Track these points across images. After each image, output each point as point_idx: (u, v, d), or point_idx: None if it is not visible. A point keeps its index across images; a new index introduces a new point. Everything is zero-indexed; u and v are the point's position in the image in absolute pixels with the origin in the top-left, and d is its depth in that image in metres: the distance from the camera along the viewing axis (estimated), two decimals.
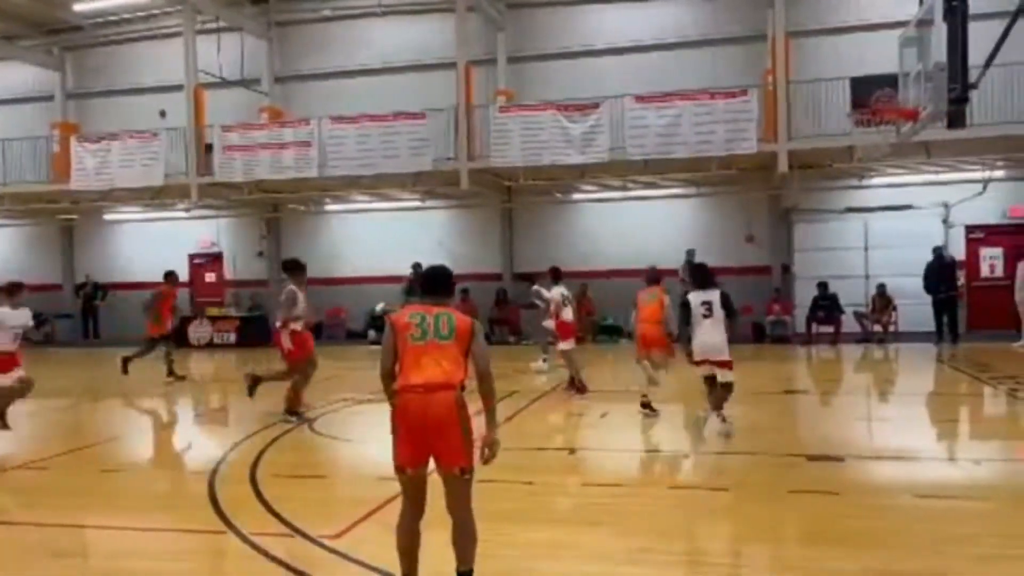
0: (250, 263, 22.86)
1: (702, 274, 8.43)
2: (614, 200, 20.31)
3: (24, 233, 25.03)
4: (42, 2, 21.50)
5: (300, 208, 22.51)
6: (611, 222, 20.23)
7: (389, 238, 21.12)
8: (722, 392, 8.17)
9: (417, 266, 16.87)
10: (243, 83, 21.39)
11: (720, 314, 8.05)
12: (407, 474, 4.11)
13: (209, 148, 19.96)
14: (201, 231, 23.38)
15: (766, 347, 17.28)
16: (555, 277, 11.97)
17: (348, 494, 6.91)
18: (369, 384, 4.68)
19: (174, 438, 10.02)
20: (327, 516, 5.85)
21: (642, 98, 17.30)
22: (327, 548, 5.14)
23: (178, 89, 20.45)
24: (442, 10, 20.28)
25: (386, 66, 21.24)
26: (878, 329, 17.68)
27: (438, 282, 4.41)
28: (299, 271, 9.87)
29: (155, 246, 22.90)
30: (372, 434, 8.40)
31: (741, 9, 19.32)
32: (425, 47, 20.89)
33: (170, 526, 5.95)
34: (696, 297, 8.17)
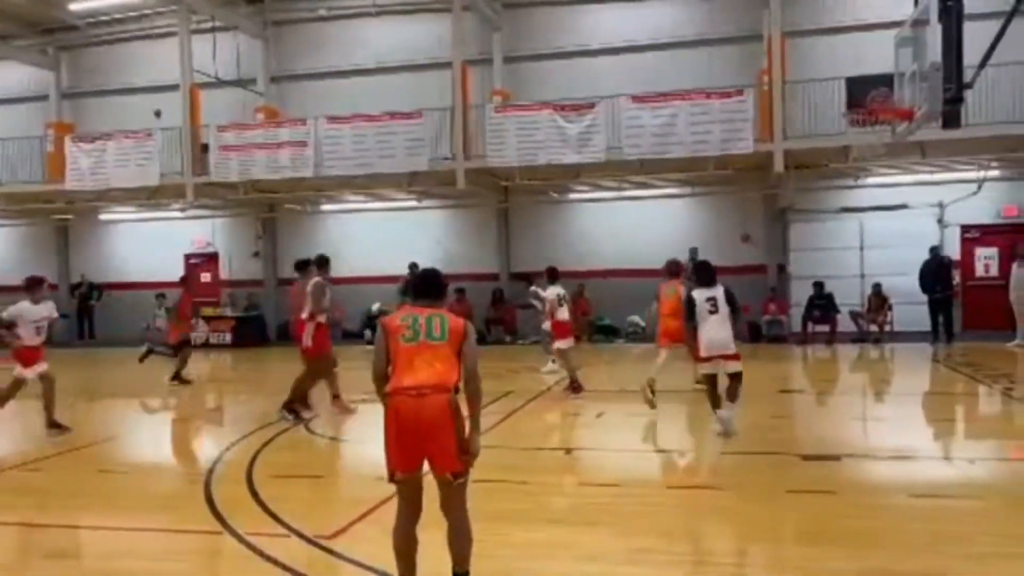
0: (246, 263, 22.83)
1: (706, 271, 8.50)
2: (610, 200, 20.31)
3: (19, 233, 24.96)
4: (37, 1, 21.40)
5: (296, 208, 22.47)
6: (607, 222, 20.24)
7: (385, 238, 21.10)
8: (733, 384, 8.24)
9: (414, 266, 16.86)
10: (239, 83, 21.36)
11: (725, 310, 8.13)
12: (399, 478, 4.09)
13: (205, 148, 19.91)
14: (197, 231, 23.33)
15: (762, 346, 17.29)
16: (552, 277, 11.95)
17: (344, 494, 6.91)
18: (365, 384, 4.68)
19: (170, 438, 9.99)
20: (323, 516, 5.85)
21: (638, 98, 17.30)
22: (323, 548, 5.14)
23: (173, 89, 20.38)
24: (438, 10, 20.25)
25: (382, 66, 21.21)
26: (874, 329, 17.71)
27: (429, 285, 4.43)
28: (326, 265, 10.12)
29: (150, 246, 22.91)
30: (368, 434, 8.41)
31: (737, 9, 19.33)
32: (421, 47, 20.87)
33: (166, 526, 5.94)
34: (700, 294, 8.23)
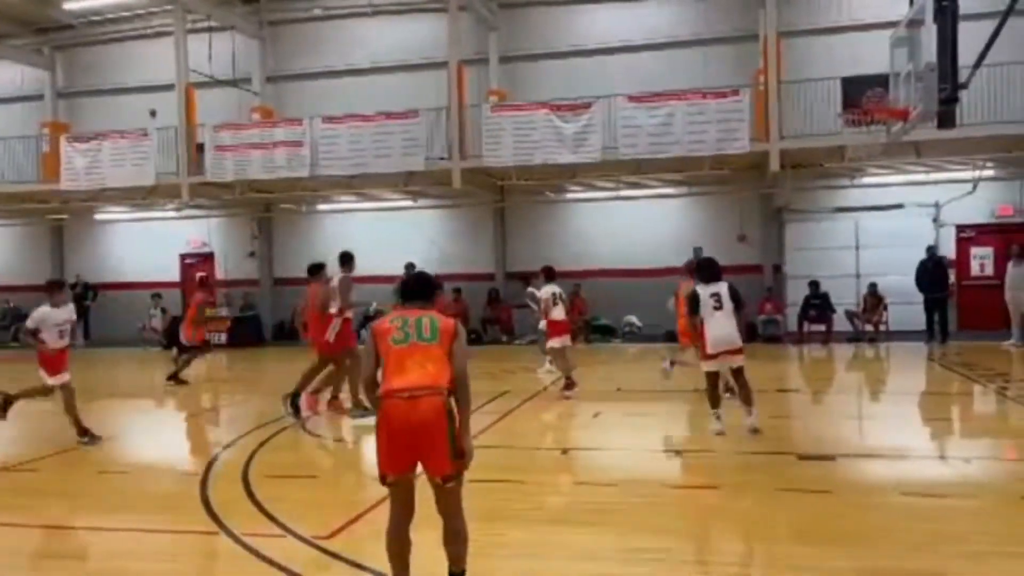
0: (241, 263, 22.79)
1: (709, 267, 8.55)
2: (607, 200, 20.31)
3: (14, 233, 24.88)
4: (32, 1, 21.37)
5: (292, 208, 22.45)
6: (603, 222, 20.25)
7: (381, 238, 21.05)
8: (740, 382, 8.30)
9: (410, 266, 16.83)
10: (234, 83, 21.32)
11: (730, 306, 8.17)
12: (391, 480, 4.07)
13: (200, 148, 19.88)
14: (192, 231, 23.29)
15: (758, 346, 17.28)
16: (548, 276, 11.94)
17: (341, 495, 6.91)
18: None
19: (166, 439, 9.98)
20: (319, 517, 5.84)
21: (634, 98, 17.30)
22: (320, 548, 5.14)
23: (169, 88, 20.35)
24: (434, 10, 20.26)
25: (378, 65, 21.18)
26: (869, 328, 17.76)
27: (419, 287, 4.42)
28: (350, 262, 10.39)
29: (146, 246, 22.87)
30: (364, 435, 8.40)
31: (733, 9, 19.34)
32: (417, 47, 20.85)
33: (162, 527, 5.93)
34: (704, 290, 8.28)
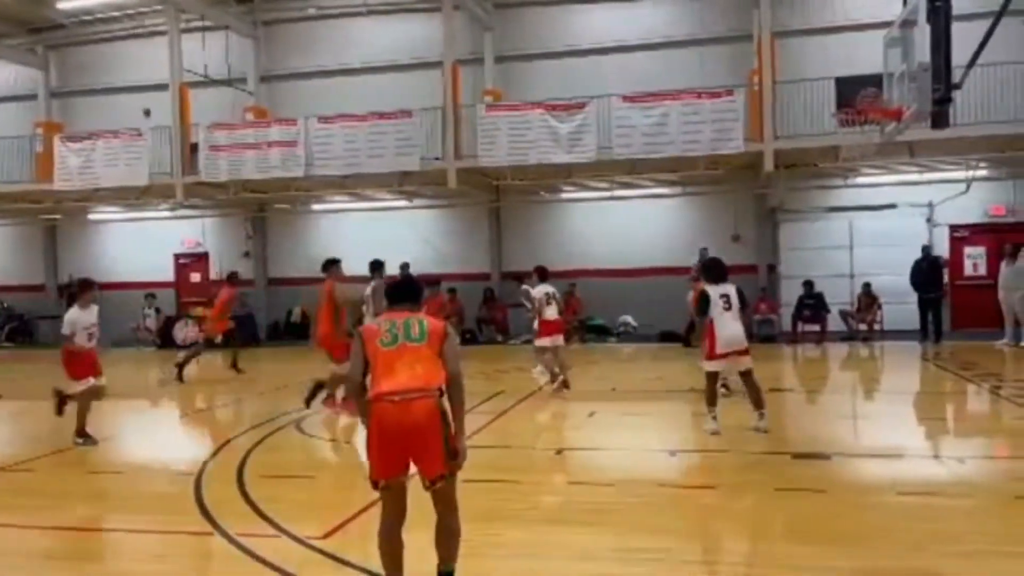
0: (236, 263, 22.67)
1: (717, 268, 8.63)
2: (601, 199, 20.31)
3: (7, 233, 24.78)
4: (25, 0, 21.28)
5: (286, 208, 22.41)
6: (598, 221, 20.26)
7: (376, 238, 20.92)
8: (750, 385, 8.34)
9: (405, 266, 16.83)
10: (228, 82, 21.26)
11: (738, 306, 8.29)
12: (383, 486, 4.05)
13: (194, 147, 19.84)
14: (186, 231, 23.24)
15: (753, 346, 17.15)
16: (541, 276, 11.95)
17: (335, 495, 6.90)
18: None
19: (160, 439, 9.94)
20: (314, 517, 5.83)
21: (629, 98, 17.32)
22: (314, 549, 5.13)
23: (163, 88, 20.30)
24: (428, 10, 20.24)
25: (373, 65, 21.15)
26: (863, 328, 17.80)
27: (405, 290, 4.41)
28: (380, 269, 11.15)
29: (140, 246, 22.79)
30: (359, 434, 8.39)
31: (727, 9, 19.38)
32: (412, 46, 20.83)
33: (156, 527, 5.91)
34: (714, 290, 8.34)
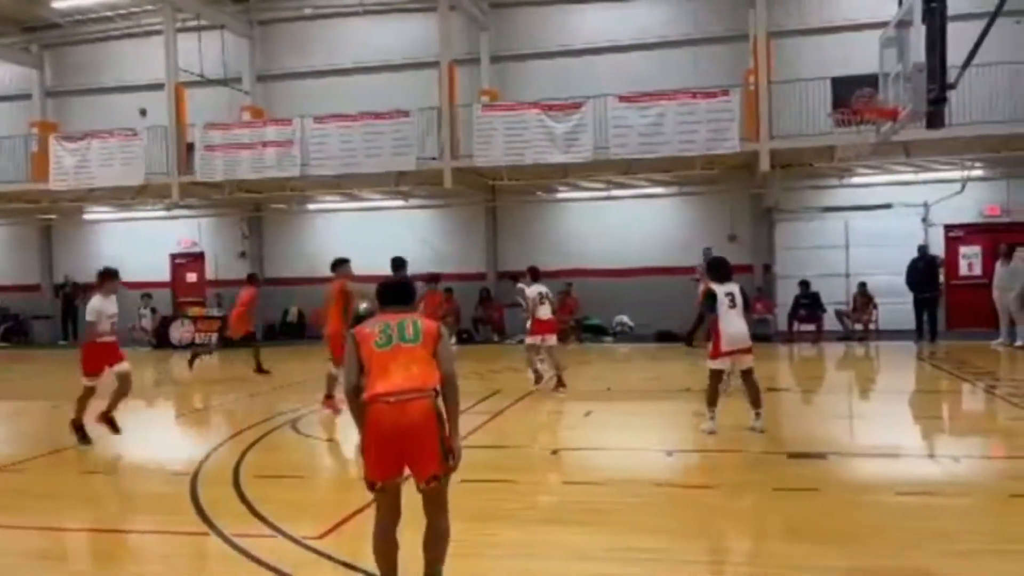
0: (232, 263, 22.69)
1: (722, 267, 8.64)
2: (598, 199, 20.34)
3: (2, 233, 24.73)
4: None
5: (282, 208, 22.39)
6: (595, 221, 20.27)
7: (372, 237, 20.93)
8: (750, 383, 8.34)
9: (397, 259, 16.79)
10: (224, 82, 21.25)
11: (742, 305, 8.32)
12: (379, 488, 4.04)
13: (190, 147, 19.81)
14: (182, 231, 23.22)
15: None
16: (533, 276, 12.00)
17: (331, 495, 6.90)
18: None
19: (156, 439, 9.92)
20: (310, 517, 5.83)
21: (625, 98, 17.34)
22: (310, 549, 5.12)
23: (159, 87, 20.28)
24: (424, 10, 20.23)
25: (369, 65, 21.14)
26: (859, 327, 17.83)
27: (397, 292, 4.38)
28: (403, 268, 11.20)
29: (136, 246, 22.72)
30: (355, 434, 8.37)
31: (723, 9, 19.40)
32: (408, 46, 20.82)
33: (152, 528, 5.90)
34: (720, 288, 8.37)
